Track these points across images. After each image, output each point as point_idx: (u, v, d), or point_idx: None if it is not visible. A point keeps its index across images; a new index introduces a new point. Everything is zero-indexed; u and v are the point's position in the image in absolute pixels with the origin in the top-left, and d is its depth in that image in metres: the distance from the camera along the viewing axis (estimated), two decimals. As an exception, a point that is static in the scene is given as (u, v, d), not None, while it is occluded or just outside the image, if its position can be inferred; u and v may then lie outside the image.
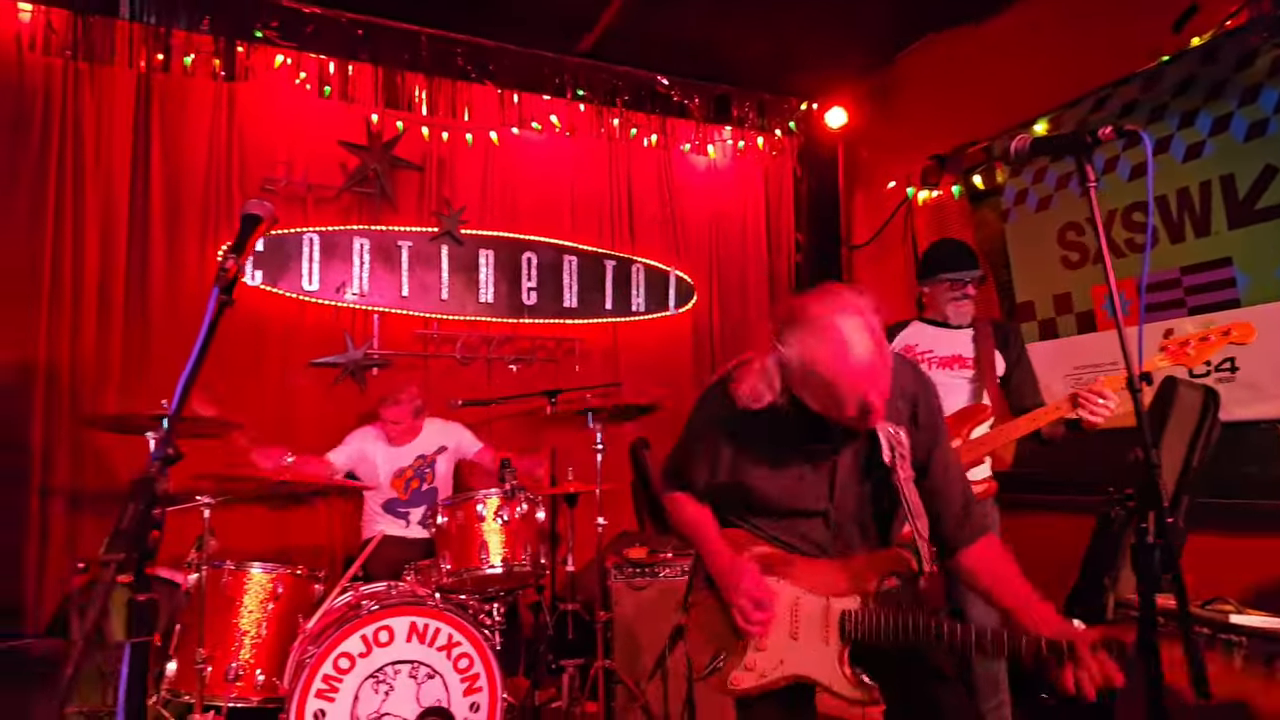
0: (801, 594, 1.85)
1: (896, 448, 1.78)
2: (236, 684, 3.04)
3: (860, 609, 1.79)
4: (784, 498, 1.88)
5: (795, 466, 1.86)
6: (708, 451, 1.94)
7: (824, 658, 1.80)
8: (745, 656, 1.85)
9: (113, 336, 4.05)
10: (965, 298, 2.98)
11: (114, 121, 4.13)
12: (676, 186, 5.36)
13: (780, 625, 1.84)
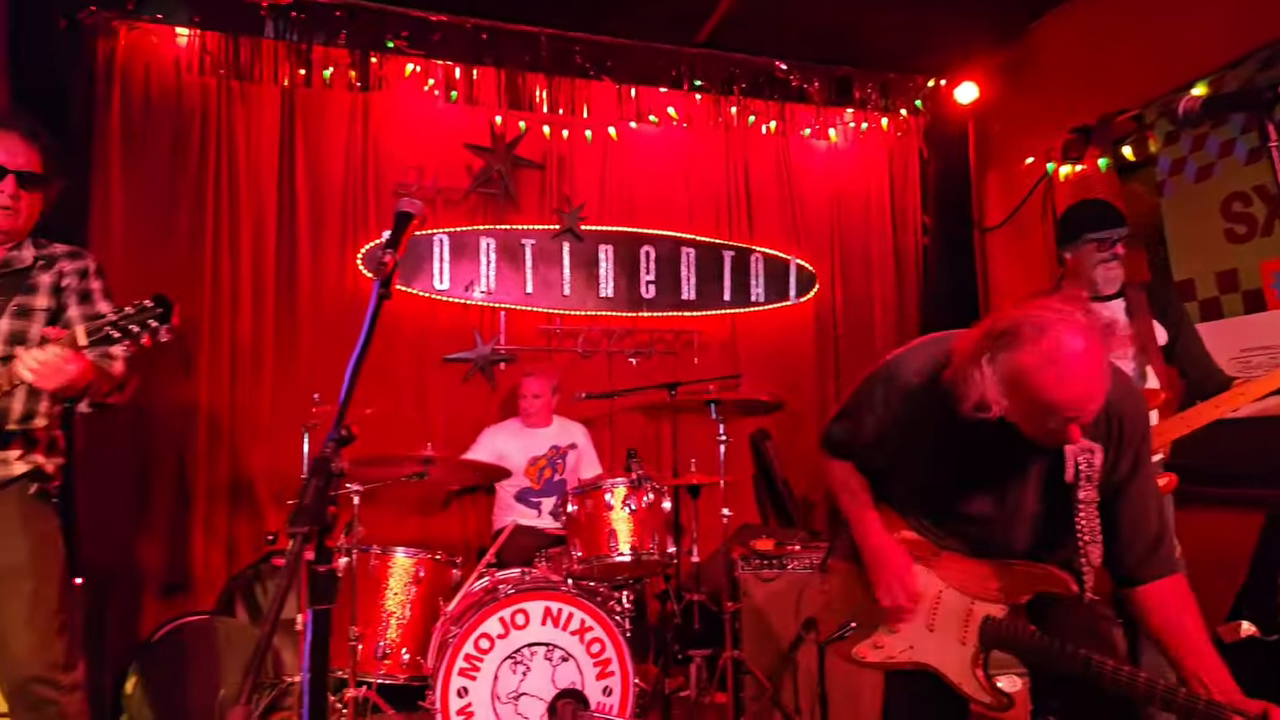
0: (945, 589, 1.81)
1: (1083, 468, 1.65)
2: (385, 661, 3.21)
3: (1006, 618, 1.74)
4: (951, 496, 1.82)
5: (970, 468, 1.77)
6: (877, 430, 1.86)
7: (957, 656, 1.77)
8: (875, 633, 1.85)
9: (265, 336, 4.34)
10: (1114, 258, 2.77)
11: (262, 135, 4.42)
12: (796, 173, 5.27)
13: (917, 613, 1.82)
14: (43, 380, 1.96)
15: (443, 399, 4.59)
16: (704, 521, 3.99)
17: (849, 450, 1.97)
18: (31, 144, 2.26)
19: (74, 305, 2.34)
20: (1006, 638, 1.73)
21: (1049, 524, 1.77)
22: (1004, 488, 1.77)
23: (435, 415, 4.54)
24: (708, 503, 3.98)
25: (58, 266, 2.33)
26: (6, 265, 2.26)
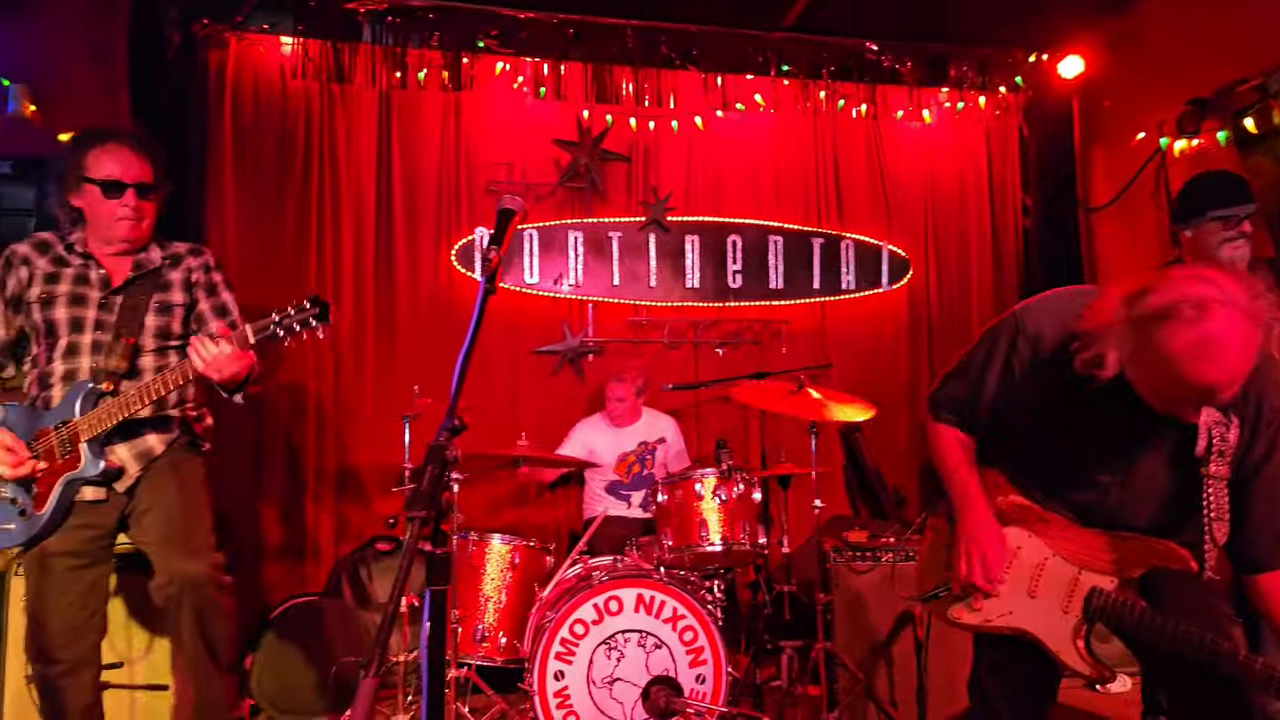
0: (1051, 556, 1.78)
1: (1216, 442, 1.60)
2: (483, 644, 3.31)
3: (1115, 591, 1.69)
4: (1071, 463, 1.76)
5: (1093, 435, 1.71)
6: (999, 387, 1.79)
7: (1058, 625, 1.74)
8: (973, 596, 1.83)
9: (366, 329, 4.53)
10: (1241, 237, 2.59)
11: (360, 137, 4.60)
12: (887, 157, 5.14)
13: (1019, 579, 1.79)
14: (212, 371, 2.12)
15: (533, 391, 4.69)
16: (794, 513, 3.97)
17: (961, 412, 1.91)
18: (143, 155, 2.42)
19: (204, 298, 2.53)
20: (1115, 611, 1.68)
21: (1172, 499, 1.70)
22: (1128, 458, 1.71)
23: (526, 407, 4.65)
24: (797, 494, 3.95)
25: (184, 263, 2.51)
26: (139, 268, 2.44)
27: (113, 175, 2.34)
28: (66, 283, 2.38)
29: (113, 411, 2.24)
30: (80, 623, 2.33)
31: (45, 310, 2.36)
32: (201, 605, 2.32)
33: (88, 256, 2.41)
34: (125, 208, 2.36)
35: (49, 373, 2.35)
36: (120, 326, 2.36)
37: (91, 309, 2.37)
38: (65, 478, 2.25)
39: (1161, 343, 1.47)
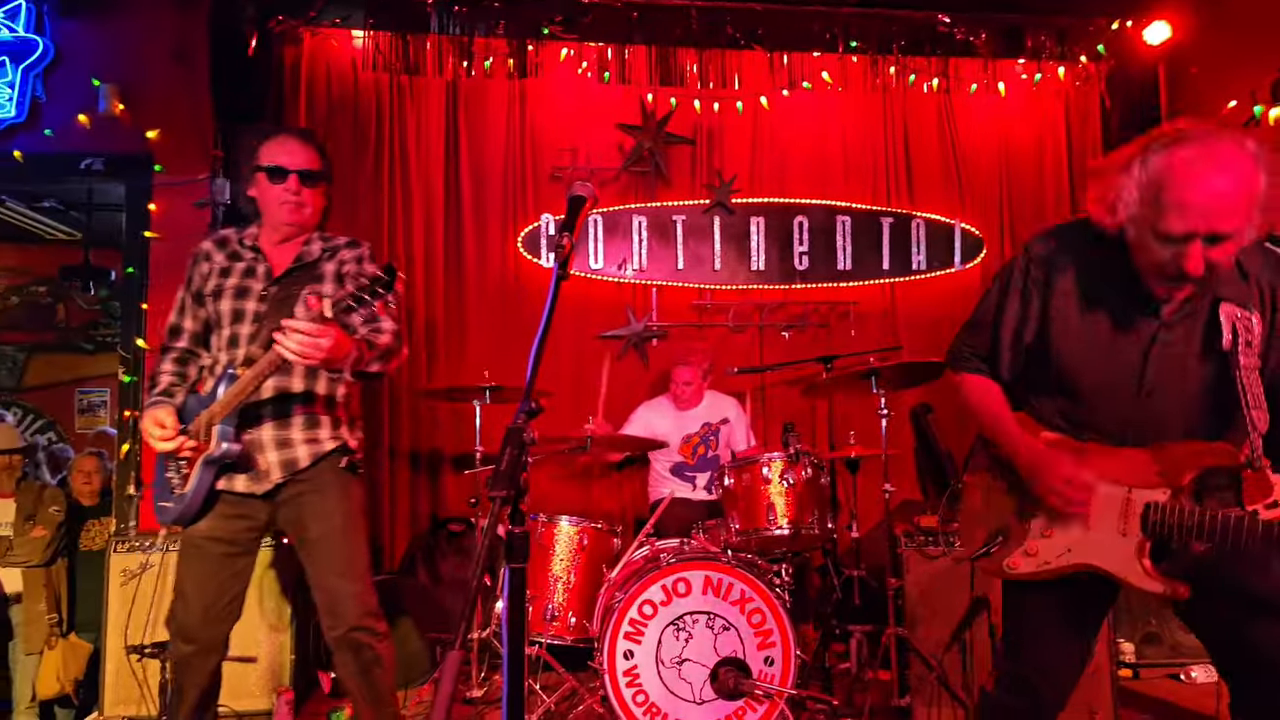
0: (1099, 482, 1.74)
1: (1241, 333, 1.63)
2: (553, 623, 3.38)
3: (1170, 502, 1.66)
4: (1100, 381, 1.75)
5: (1109, 334, 1.73)
6: (1010, 318, 1.84)
7: (1119, 549, 1.71)
8: (1026, 542, 1.80)
9: (436, 316, 4.63)
10: None
11: (429, 126, 4.69)
12: (960, 132, 5.00)
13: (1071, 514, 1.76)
14: (303, 357, 2.11)
15: (598, 375, 4.72)
16: (863, 497, 3.92)
17: (984, 358, 1.91)
18: (308, 145, 2.53)
19: None
20: (1175, 520, 1.65)
21: (1205, 399, 1.70)
22: (1146, 355, 1.71)
23: (592, 391, 4.67)
24: (867, 477, 3.91)
25: (339, 256, 2.57)
26: (300, 260, 2.52)
27: (277, 162, 2.45)
28: (235, 276, 2.48)
29: (231, 396, 2.31)
30: (220, 608, 2.45)
31: (215, 303, 2.47)
32: (361, 653, 2.44)
33: (257, 250, 2.52)
34: (288, 192, 2.46)
35: (216, 361, 2.47)
36: (272, 316, 2.41)
37: (252, 301, 2.46)
38: (203, 458, 2.36)
39: (1162, 161, 1.55)
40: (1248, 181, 1.52)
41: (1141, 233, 1.62)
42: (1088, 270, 1.75)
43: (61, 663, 4.11)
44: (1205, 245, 1.55)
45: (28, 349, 7.40)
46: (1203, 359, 1.68)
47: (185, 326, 2.53)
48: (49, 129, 4.14)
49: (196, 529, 2.42)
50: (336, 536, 2.46)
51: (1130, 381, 1.72)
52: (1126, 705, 3.27)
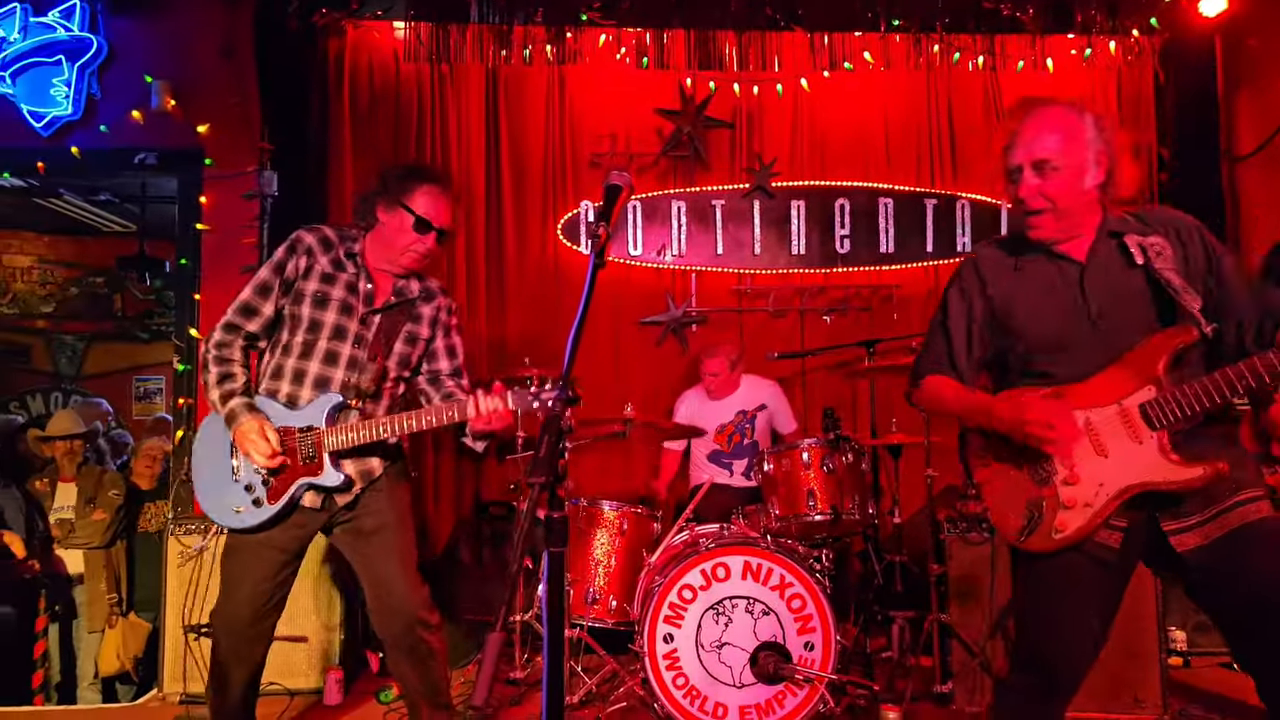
0: (1087, 411, 1.82)
1: (1148, 248, 1.82)
2: (594, 606, 3.42)
3: (1158, 394, 1.75)
4: (1043, 322, 1.90)
5: (1045, 288, 1.92)
6: (957, 315, 2.03)
7: (1145, 458, 1.76)
8: (1061, 498, 1.82)
9: (478, 302, 4.68)
10: None
11: (470, 115, 4.73)
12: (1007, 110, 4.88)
13: (1083, 452, 1.81)
14: (481, 423, 2.34)
15: (638, 361, 4.75)
16: (906, 482, 3.89)
17: (943, 364, 2.05)
18: (454, 206, 2.59)
19: (440, 337, 2.68)
20: (1174, 404, 1.73)
21: (1146, 308, 1.84)
22: (1095, 293, 1.87)
23: (632, 377, 4.71)
24: (910, 463, 3.87)
25: (436, 301, 2.66)
26: (400, 294, 2.58)
27: (428, 215, 2.48)
28: (340, 288, 2.49)
29: (362, 433, 2.39)
30: (269, 606, 2.53)
31: (316, 309, 2.48)
32: (417, 646, 2.53)
33: (362, 268, 2.53)
34: (423, 245, 2.51)
35: (303, 371, 2.47)
36: (375, 349, 2.50)
37: (354, 322, 2.50)
38: (304, 481, 2.42)
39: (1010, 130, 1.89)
40: (1065, 123, 1.85)
41: (1005, 182, 1.91)
42: (1008, 253, 2.00)
43: (122, 641, 4.29)
44: (1035, 173, 1.84)
45: (87, 338, 7.66)
46: (1127, 276, 1.86)
47: (263, 311, 2.50)
48: (104, 125, 4.27)
49: (260, 536, 2.47)
50: (393, 529, 2.54)
51: (1081, 316, 1.87)
52: (1175, 694, 3.21)
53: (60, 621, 4.39)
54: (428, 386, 2.68)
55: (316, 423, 2.42)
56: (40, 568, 4.23)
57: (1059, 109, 1.87)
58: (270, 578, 2.50)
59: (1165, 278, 1.80)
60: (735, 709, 2.93)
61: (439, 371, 2.67)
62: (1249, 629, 1.75)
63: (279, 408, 2.45)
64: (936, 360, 2.07)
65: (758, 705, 2.93)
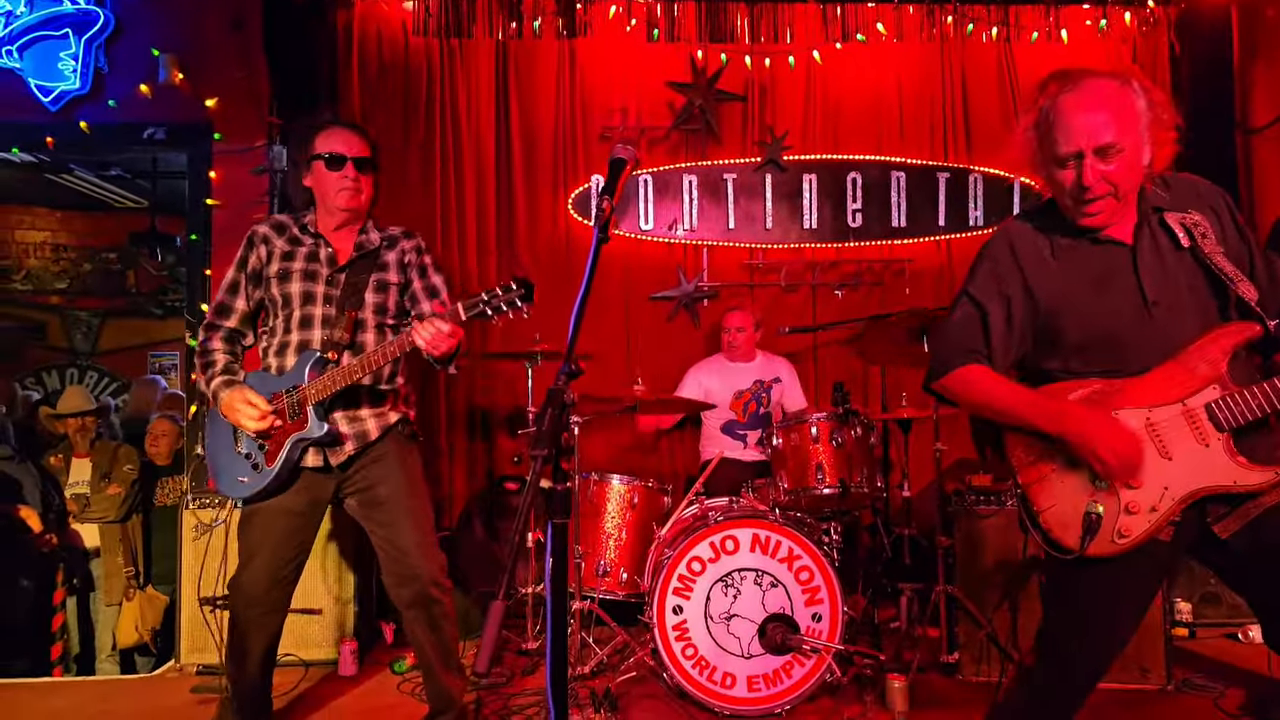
0: (1148, 411, 1.71)
1: (1192, 228, 1.74)
2: (605, 579, 3.46)
3: (1223, 394, 1.66)
4: (1096, 314, 1.77)
5: (1096, 277, 1.78)
6: (1001, 311, 1.84)
7: (1210, 461, 1.68)
8: (1121, 504, 1.71)
9: (489, 277, 4.69)
10: None
11: (480, 87, 4.71)
12: (1021, 83, 4.81)
13: (1147, 454, 1.71)
14: (432, 347, 2.30)
15: (649, 336, 4.76)
16: (915, 456, 3.90)
17: (975, 350, 1.85)
18: (361, 134, 2.66)
19: (417, 279, 2.71)
20: (1242, 405, 1.66)
21: (1201, 294, 1.75)
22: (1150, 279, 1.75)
23: (643, 352, 4.72)
24: (919, 437, 3.88)
25: (399, 245, 2.71)
26: (361, 248, 2.65)
27: (335, 150, 2.57)
28: (300, 260, 2.60)
29: (336, 379, 2.45)
30: (285, 574, 2.59)
31: (282, 285, 2.58)
32: (432, 609, 2.58)
33: (318, 236, 2.64)
34: (346, 179, 2.58)
35: (286, 342, 2.56)
36: (344, 301, 2.58)
37: (320, 284, 2.59)
38: (293, 437, 2.48)
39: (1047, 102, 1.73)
40: (1121, 100, 1.69)
41: (1048, 169, 1.76)
42: (1043, 233, 1.84)
43: (139, 613, 4.36)
44: (1099, 159, 1.68)
45: (101, 314, 7.71)
46: (1177, 260, 1.76)
47: (237, 307, 2.65)
48: (112, 99, 4.27)
49: (271, 503, 2.53)
50: (405, 494, 2.59)
51: (1137, 303, 1.75)
52: (1181, 664, 3.24)
53: (78, 595, 4.47)
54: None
55: (299, 380, 2.49)
56: (57, 542, 4.30)
57: (1109, 83, 1.70)
58: (286, 543, 2.55)
59: (1217, 264, 1.71)
60: (743, 679, 2.96)
61: (424, 313, 2.68)
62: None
63: (270, 378, 2.54)
64: (972, 349, 1.86)
65: (765, 675, 2.96)
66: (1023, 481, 1.81)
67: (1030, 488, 1.80)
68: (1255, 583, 1.77)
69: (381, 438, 2.59)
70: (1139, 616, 1.84)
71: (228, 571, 2.69)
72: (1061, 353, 1.81)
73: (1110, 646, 1.83)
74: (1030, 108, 1.78)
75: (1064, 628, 1.85)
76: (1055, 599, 1.88)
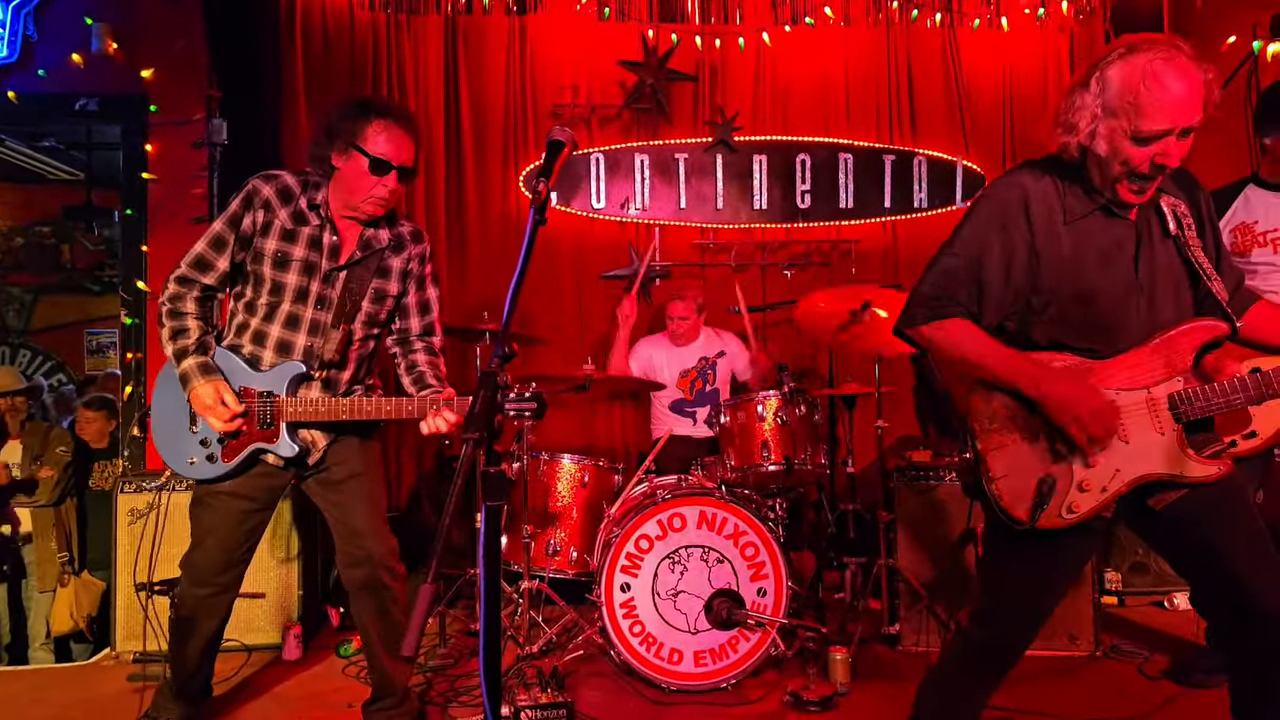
0: (1116, 394, 1.75)
1: (1181, 218, 1.77)
2: (554, 558, 3.48)
3: (1186, 387, 1.72)
4: (1098, 287, 1.75)
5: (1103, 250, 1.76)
6: (1000, 264, 1.77)
7: (1163, 449, 1.73)
8: (1075, 478, 1.74)
9: (439, 256, 4.60)
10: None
11: (428, 64, 4.63)
12: (964, 68, 4.90)
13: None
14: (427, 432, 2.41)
15: (602, 314, 4.75)
16: (861, 433, 3.98)
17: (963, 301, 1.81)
18: (414, 141, 2.41)
19: (413, 291, 2.59)
20: (1201, 400, 1.71)
21: (1180, 285, 1.79)
22: (1145, 263, 1.77)
23: (595, 330, 4.72)
24: (865, 415, 3.96)
25: (406, 251, 2.55)
26: (366, 246, 2.47)
27: (385, 155, 2.33)
28: (301, 246, 2.40)
29: (319, 410, 2.37)
30: (238, 556, 2.54)
31: (276, 270, 2.39)
32: (382, 593, 2.55)
33: (327, 219, 2.42)
34: (384, 188, 2.36)
35: (264, 333, 2.42)
36: (340, 312, 2.43)
37: (316, 281, 2.42)
38: (258, 445, 2.40)
39: (1127, 69, 1.65)
40: (1205, 81, 1.65)
41: (1115, 139, 1.68)
42: (1060, 199, 1.78)
43: (74, 600, 4.24)
44: (1179, 140, 1.65)
45: (35, 290, 7.43)
46: (1164, 246, 1.78)
47: (219, 265, 2.41)
48: (42, 69, 4.10)
49: (222, 485, 2.47)
50: (363, 478, 2.56)
51: (1133, 284, 1.76)
52: (1109, 631, 3.38)
53: (9, 582, 4.34)
54: (396, 346, 2.66)
55: (277, 390, 2.39)
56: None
57: (1197, 66, 1.65)
58: (238, 525, 2.50)
59: (1197, 258, 1.74)
60: (690, 654, 3.01)
61: (408, 331, 2.63)
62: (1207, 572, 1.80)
63: (240, 364, 2.42)
64: (961, 301, 1.80)
65: (711, 650, 3.01)
66: (981, 447, 1.80)
67: (988, 454, 1.79)
68: (1183, 549, 1.84)
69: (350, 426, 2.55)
70: (1071, 583, 1.94)
71: (164, 557, 2.64)
72: (1049, 321, 1.79)
73: (1043, 611, 1.91)
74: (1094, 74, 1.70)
75: (1002, 594, 1.91)
76: (995, 567, 1.94)
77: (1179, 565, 1.93)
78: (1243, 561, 1.72)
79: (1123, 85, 1.65)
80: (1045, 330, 1.80)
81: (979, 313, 1.81)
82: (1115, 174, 1.70)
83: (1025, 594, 1.88)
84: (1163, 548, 1.97)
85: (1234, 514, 1.76)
